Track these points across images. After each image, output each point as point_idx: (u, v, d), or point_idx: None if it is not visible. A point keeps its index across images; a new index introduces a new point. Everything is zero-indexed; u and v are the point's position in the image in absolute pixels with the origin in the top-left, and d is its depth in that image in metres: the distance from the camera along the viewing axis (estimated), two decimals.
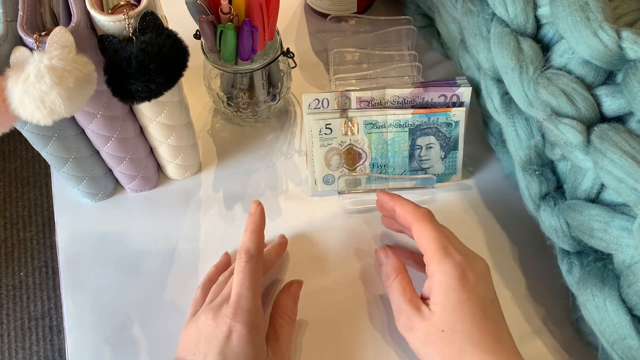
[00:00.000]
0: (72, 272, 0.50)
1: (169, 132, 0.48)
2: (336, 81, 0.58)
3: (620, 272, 0.38)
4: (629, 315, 0.36)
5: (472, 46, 0.46)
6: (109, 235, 0.51)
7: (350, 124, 0.50)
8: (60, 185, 0.54)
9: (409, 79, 0.59)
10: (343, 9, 0.62)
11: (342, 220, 0.52)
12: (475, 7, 0.45)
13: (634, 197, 0.35)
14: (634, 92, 0.35)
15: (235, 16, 0.45)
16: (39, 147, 0.44)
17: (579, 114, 0.38)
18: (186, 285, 0.49)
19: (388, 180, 0.53)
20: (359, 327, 0.46)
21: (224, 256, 0.49)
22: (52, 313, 1.22)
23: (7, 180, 1.37)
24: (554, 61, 0.40)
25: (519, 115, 0.44)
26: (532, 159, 0.44)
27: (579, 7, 0.36)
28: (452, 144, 0.51)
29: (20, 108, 0.33)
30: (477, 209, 0.52)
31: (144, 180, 0.52)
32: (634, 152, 0.35)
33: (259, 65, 0.49)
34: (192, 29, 0.48)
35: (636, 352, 0.36)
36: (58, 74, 0.33)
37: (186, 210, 0.53)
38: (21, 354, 1.18)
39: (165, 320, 0.47)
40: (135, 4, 0.39)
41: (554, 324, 0.46)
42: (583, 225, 0.40)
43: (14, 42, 0.36)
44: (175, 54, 0.37)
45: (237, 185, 0.54)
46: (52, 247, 1.29)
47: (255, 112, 0.55)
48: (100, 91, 0.41)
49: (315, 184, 0.53)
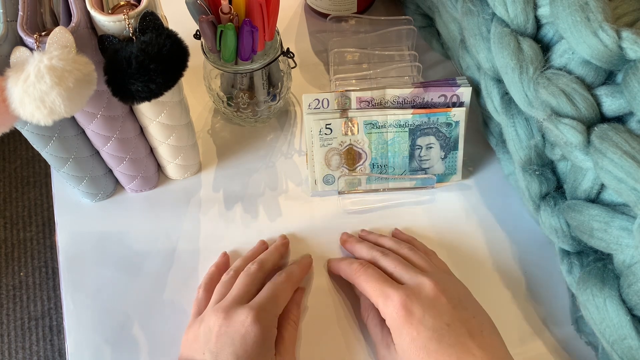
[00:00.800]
0: (72, 272, 0.50)
1: (169, 132, 0.48)
2: (336, 81, 0.58)
3: (620, 272, 0.38)
4: (629, 315, 0.36)
5: (472, 46, 0.46)
6: (109, 235, 0.51)
7: (350, 124, 0.50)
8: (60, 185, 0.54)
9: (409, 79, 0.59)
10: (343, 9, 0.62)
11: (342, 220, 0.52)
12: (475, 7, 0.45)
13: (634, 197, 0.35)
14: (634, 92, 0.35)
15: (235, 16, 0.45)
16: (39, 147, 0.44)
17: (579, 114, 0.38)
18: (186, 285, 0.49)
19: (388, 180, 0.53)
20: (360, 326, 0.46)
21: (223, 256, 0.49)
22: (52, 313, 1.22)
23: (7, 180, 1.37)
24: (554, 61, 0.40)
25: (519, 115, 0.44)
26: (532, 159, 0.44)
27: (579, 7, 0.36)
28: (452, 144, 0.51)
29: (20, 108, 0.33)
30: (477, 209, 0.52)
31: (144, 180, 0.52)
32: (634, 152, 0.35)
33: (259, 65, 0.49)
34: (192, 29, 0.48)
35: (636, 352, 0.36)
36: (58, 74, 0.33)
37: (186, 210, 0.53)
38: (21, 354, 1.18)
39: (165, 320, 0.47)
40: (135, 4, 0.39)
41: (554, 324, 0.46)
42: (583, 225, 0.40)
43: (14, 42, 0.36)
44: (175, 54, 0.37)
45: (237, 185, 0.54)
46: (52, 247, 1.29)
47: (255, 112, 0.55)
48: (100, 91, 0.41)
49: (315, 184, 0.53)
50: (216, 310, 0.41)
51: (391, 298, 0.40)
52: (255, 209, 0.53)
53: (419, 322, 0.38)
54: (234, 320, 0.40)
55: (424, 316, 0.38)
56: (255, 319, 0.40)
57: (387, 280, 0.41)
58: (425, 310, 0.39)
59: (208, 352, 0.39)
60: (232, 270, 0.46)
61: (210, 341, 0.40)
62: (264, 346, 0.40)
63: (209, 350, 0.39)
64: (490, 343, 0.38)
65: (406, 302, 0.39)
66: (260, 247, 0.50)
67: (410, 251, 0.45)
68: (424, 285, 0.40)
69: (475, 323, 0.39)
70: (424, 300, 0.39)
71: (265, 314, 0.41)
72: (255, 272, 0.45)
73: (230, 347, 0.39)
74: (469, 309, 0.40)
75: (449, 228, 0.51)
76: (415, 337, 0.38)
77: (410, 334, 0.38)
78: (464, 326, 0.38)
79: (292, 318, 0.44)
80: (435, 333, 0.38)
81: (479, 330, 0.39)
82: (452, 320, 0.38)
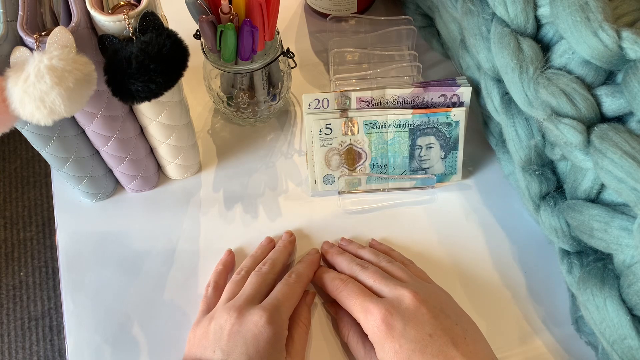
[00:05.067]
0: (72, 272, 0.50)
1: (169, 132, 0.48)
2: (336, 81, 0.58)
3: (620, 272, 0.38)
4: (629, 315, 0.36)
5: (472, 46, 0.46)
6: (109, 235, 0.51)
7: (350, 124, 0.50)
8: (60, 185, 0.54)
9: (409, 79, 0.59)
10: (343, 9, 0.62)
11: (342, 220, 0.52)
12: (475, 7, 0.45)
13: (634, 197, 0.35)
14: (634, 92, 0.35)
15: (235, 16, 0.45)
16: (39, 147, 0.44)
17: (579, 114, 0.38)
18: (186, 285, 0.49)
19: (388, 180, 0.53)
20: None
21: (229, 254, 0.49)
22: (52, 313, 1.22)
23: (7, 180, 1.37)
24: (554, 61, 0.40)
25: (519, 115, 0.44)
26: (532, 159, 0.44)
27: (579, 7, 0.36)
28: (452, 144, 0.51)
29: (20, 108, 0.33)
30: (477, 209, 0.52)
31: (144, 180, 0.52)
32: (634, 152, 0.35)
33: (259, 65, 0.49)
34: (192, 29, 0.48)
35: (636, 352, 0.36)
36: (58, 74, 0.33)
37: (186, 210, 0.53)
38: (21, 354, 1.18)
39: (165, 320, 0.47)
40: (135, 4, 0.39)
41: (554, 324, 0.46)
42: (583, 225, 0.40)
43: (14, 42, 0.36)
44: (175, 54, 0.37)
45: (237, 185, 0.54)
46: (52, 247, 1.29)
47: (255, 112, 0.55)
48: (100, 91, 0.41)
49: (315, 184, 0.53)
50: (228, 309, 0.41)
51: (372, 313, 0.40)
52: (255, 209, 0.53)
53: (400, 335, 0.38)
54: (247, 320, 0.40)
55: (405, 329, 0.38)
56: (268, 319, 0.40)
57: (368, 294, 0.41)
58: (407, 322, 0.39)
59: (219, 350, 0.39)
60: (243, 270, 0.46)
61: (222, 339, 0.40)
62: (276, 347, 0.40)
63: (220, 349, 0.39)
64: (473, 350, 0.38)
65: (387, 316, 0.39)
66: (268, 244, 0.50)
67: (389, 263, 0.45)
68: (403, 297, 0.40)
69: (458, 330, 0.39)
70: (404, 313, 0.39)
71: (278, 315, 0.41)
72: (267, 273, 0.45)
73: (242, 346, 0.39)
74: (451, 316, 0.40)
75: (449, 228, 0.51)
76: (398, 350, 0.38)
77: (393, 348, 0.38)
78: (447, 335, 0.38)
79: (302, 320, 0.44)
80: (418, 345, 0.38)
81: (462, 338, 0.39)
82: (434, 330, 0.38)
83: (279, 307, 0.42)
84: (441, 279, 0.46)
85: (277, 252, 0.48)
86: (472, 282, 0.48)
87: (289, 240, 0.49)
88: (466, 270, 0.49)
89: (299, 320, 0.44)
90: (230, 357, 0.39)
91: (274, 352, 0.40)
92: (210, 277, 0.48)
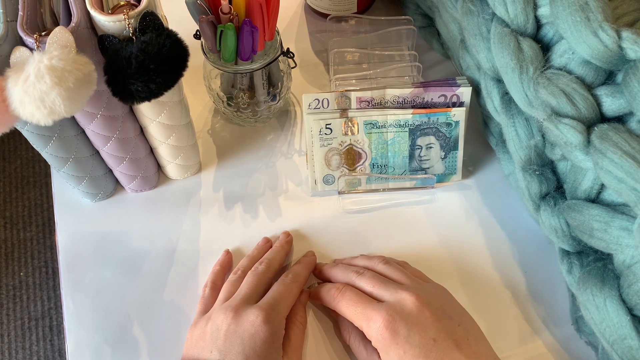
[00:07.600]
0: (72, 272, 0.50)
1: (169, 132, 0.48)
2: (336, 81, 0.58)
3: (620, 272, 0.38)
4: (629, 315, 0.36)
5: (472, 46, 0.46)
6: (109, 235, 0.51)
7: (350, 124, 0.50)
8: (60, 185, 0.54)
9: (409, 79, 0.59)
10: (343, 9, 0.62)
11: (342, 220, 0.52)
12: (475, 7, 0.45)
13: (634, 197, 0.35)
14: (634, 92, 0.35)
15: (235, 16, 0.45)
16: (39, 147, 0.44)
17: (579, 114, 0.38)
18: (186, 285, 0.49)
19: (388, 180, 0.53)
20: None
21: (226, 254, 0.49)
22: (52, 313, 1.22)
23: (7, 180, 1.37)
24: (554, 61, 0.40)
25: (519, 115, 0.44)
26: (532, 159, 0.44)
27: (579, 7, 0.36)
28: (452, 144, 0.51)
29: (20, 108, 0.33)
30: (477, 209, 0.52)
31: (144, 180, 0.52)
32: (634, 152, 0.35)
33: (259, 65, 0.49)
34: (192, 29, 0.48)
35: (636, 352, 0.36)
36: (58, 74, 0.33)
37: (186, 210, 0.53)
38: (21, 354, 1.18)
39: (165, 320, 0.47)
40: (135, 4, 0.39)
41: (554, 324, 0.46)
42: (583, 225, 0.40)
43: (14, 42, 0.36)
44: (175, 54, 0.37)
45: (237, 185, 0.54)
46: (52, 247, 1.29)
47: (255, 112, 0.55)
48: (100, 91, 0.41)
49: (315, 184, 0.53)
50: (225, 309, 0.41)
51: (374, 319, 0.39)
52: (255, 209, 0.53)
53: (405, 341, 0.38)
54: (244, 320, 0.40)
55: (409, 334, 0.38)
56: (265, 319, 0.40)
57: (367, 301, 0.41)
58: (410, 327, 0.38)
59: (216, 351, 0.39)
60: (240, 270, 0.46)
61: (219, 340, 0.40)
62: (273, 347, 0.40)
63: (217, 349, 0.39)
64: (476, 350, 0.38)
65: (389, 321, 0.39)
66: (265, 244, 0.50)
67: (385, 265, 0.45)
68: (405, 300, 0.40)
69: (460, 332, 0.39)
70: (407, 317, 0.39)
71: (274, 315, 0.41)
72: (264, 272, 0.45)
73: (239, 346, 0.39)
74: (453, 317, 0.40)
75: (449, 228, 0.51)
76: (402, 356, 0.38)
77: (397, 354, 0.38)
78: (450, 337, 0.38)
79: (298, 319, 0.44)
80: (423, 350, 0.38)
81: (465, 339, 0.39)
82: (437, 333, 0.38)
83: (276, 306, 0.42)
84: (441, 279, 0.46)
85: (273, 252, 0.48)
86: (472, 282, 0.48)
87: (286, 241, 0.49)
88: (466, 270, 0.49)
89: (296, 320, 0.44)
90: (227, 357, 0.39)
91: (271, 351, 0.40)
92: (208, 277, 0.48)
